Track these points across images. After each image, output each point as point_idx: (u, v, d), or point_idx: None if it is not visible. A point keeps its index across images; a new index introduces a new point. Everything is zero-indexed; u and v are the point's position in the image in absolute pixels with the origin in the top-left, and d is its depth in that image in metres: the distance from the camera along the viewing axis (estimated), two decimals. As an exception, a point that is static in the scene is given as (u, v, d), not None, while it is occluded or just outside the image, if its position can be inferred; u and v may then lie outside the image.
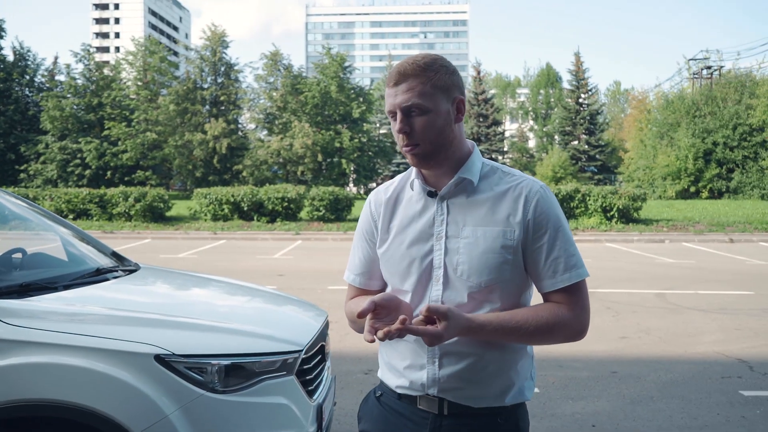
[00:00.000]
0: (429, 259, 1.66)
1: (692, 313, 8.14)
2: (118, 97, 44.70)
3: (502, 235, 1.62)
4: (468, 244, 1.62)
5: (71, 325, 2.40)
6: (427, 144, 1.62)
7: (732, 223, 20.87)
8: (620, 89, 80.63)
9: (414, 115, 1.61)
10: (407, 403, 1.70)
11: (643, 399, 4.79)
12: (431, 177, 1.71)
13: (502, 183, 1.68)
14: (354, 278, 1.84)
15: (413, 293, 1.67)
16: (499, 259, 1.61)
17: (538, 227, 1.62)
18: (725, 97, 40.55)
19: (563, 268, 1.62)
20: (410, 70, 1.61)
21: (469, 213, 1.65)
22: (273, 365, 2.52)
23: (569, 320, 1.62)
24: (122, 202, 21.79)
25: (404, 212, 1.73)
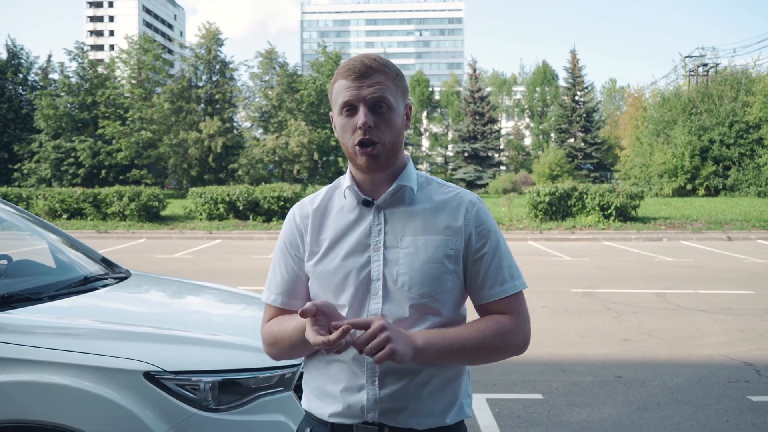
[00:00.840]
0: (366, 271, 1.55)
1: (694, 314, 8.03)
2: (112, 96, 44.39)
3: (444, 244, 1.55)
4: (408, 254, 1.54)
5: (55, 340, 2.26)
6: (386, 144, 1.54)
7: (730, 221, 20.79)
8: (616, 87, 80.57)
9: (381, 111, 1.53)
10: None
11: (649, 405, 4.67)
12: (366, 185, 1.60)
13: (440, 193, 1.62)
14: (275, 298, 1.67)
15: (350, 308, 1.55)
16: (441, 269, 1.54)
17: (480, 237, 1.58)
18: (721, 94, 40.53)
19: (504, 278, 1.58)
20: (376, 65, 1.54)
21: (408, 222, 1.57)
22: (270, 380, 2.39)
23: (514, 332, 1.56)
24: (117, 201, 21.61)
25: (336, 223, 1.61)
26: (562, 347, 6.33)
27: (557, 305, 8.43)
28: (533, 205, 20.66)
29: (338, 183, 1.68)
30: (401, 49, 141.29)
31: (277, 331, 1.61)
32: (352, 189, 1.60)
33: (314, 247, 1.61)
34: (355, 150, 1.53)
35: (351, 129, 1.53)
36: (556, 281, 10.50)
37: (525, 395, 4.83)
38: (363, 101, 1.51)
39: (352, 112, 1.53)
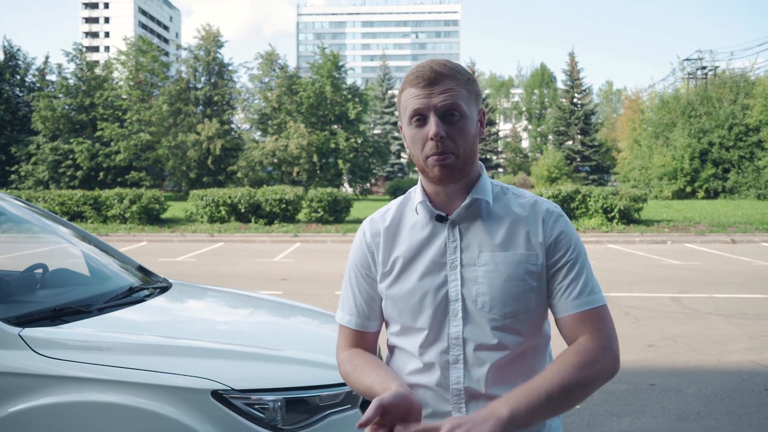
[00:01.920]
0: (444, 291, 1.46)
1: (713, 318, 7.95)
2: (110, 98, 44.19)
3: (526, 260, 1.45)
4: (487, 272, 1.44)
5: (114, 357, 2.14)
6: (460, 154, 1.44)
7: (732, 223, 20.78)
8: (612, 89, 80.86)
9: (453, 119, 1.44)
10: None
11: (689, 415, 4.57)
12: (439, 198, 1.51)
13: (517, 204, 1.51)
14: (349, 319, 1.59)
15: (429, 331, 1.47)
16: (524, 287, 1.44)
17: (558, 248, 1.47)
18: (720, 97, 40.62)
19: (582, 291, 1.44)
20: (446, 70, 1.44)
21: (485, 238, 1.47)
22: (337, 398, 2.28)
23: (600, 351, 1.39)
24: (117, 203, 21.45)
25: (409, 241, 1.52)
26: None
27: (574, 310, 8.35)
28: (537, 208, 20.59)
29: (408, 197, 1.59)
30: (397, 51, 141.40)
31: (352, 373, 1.52)
32: (425, 204, 1.50)
33: (386, 267, 1.53)
34: (427, 162, 1.45)
35: (422, 140, 1.44)
36: (568, 285, 10.43)
37: (560, 404, 4.73)
38: (434, 110, 1.42)
39: (422, 122, 1.44)
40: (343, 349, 1.60)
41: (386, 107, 57.57)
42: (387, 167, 54.11)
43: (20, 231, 3.36)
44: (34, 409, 2.01)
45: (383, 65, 59.16)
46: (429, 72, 1.43)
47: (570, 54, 56.51)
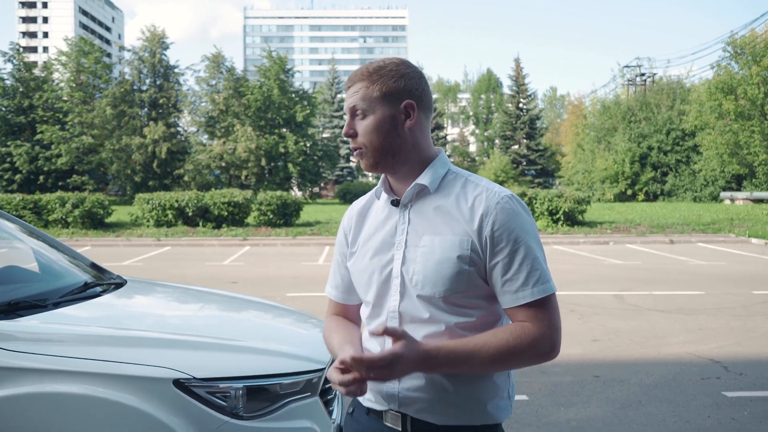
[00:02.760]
0: (388, 269, 1.58)
1: (653, 314, 8.27)
2: (50, 99, 42.82)
3: (458, 245, 1.50)
4: (424, 254, 1.52)
5: (74, 348, 2.13)
6: (369, 148, 1.56)
7: (671, 224, 21.58)
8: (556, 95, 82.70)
9: (358, 117, 1.57)
10: (375, 418, 1.61)
11: (632, 403, 4.77)
12: (395, 184, 1.63)
13: (464, 192, 1.57)
14: (333, 293, 1.78)
15: (374, 305, 1.61)
16: (454, 269, 1.49)
17: (497, 241, 1.50)
18: (659, 103, 42.16)
19: (524, 283, 1.49)
20: (358, 74, 1.58)
21: (428, 221, 1.56)
22: (297, 386, 2.32)
23: (535, 340, 1.47)
24: (59, 208, 20.82)
25: (371, 223, 1.66)
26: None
27: (522, 308, 8.55)
28: (484, 211, 20.96)
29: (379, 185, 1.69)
30: (345, 56, 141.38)
31: (326, 337, 1.72)
32: (383, 187, 1.62)
33: (353, 247, 1.68)
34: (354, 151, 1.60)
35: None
36: (516, 284, 10.65)
37: (510, 397, 4.86)
38: (348, 110, 1.58)
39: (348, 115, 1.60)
40: (328, 316, 1.79)
41: (335, 111, 57.51)
42: (336, 171, 54.04)
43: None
44: None
45: (332, 69, 59.12)
46: (349, 78, 1.59)
47: (515, 60, 57.59)
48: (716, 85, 33.56)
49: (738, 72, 33.73)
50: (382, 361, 1.38)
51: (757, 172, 34.00)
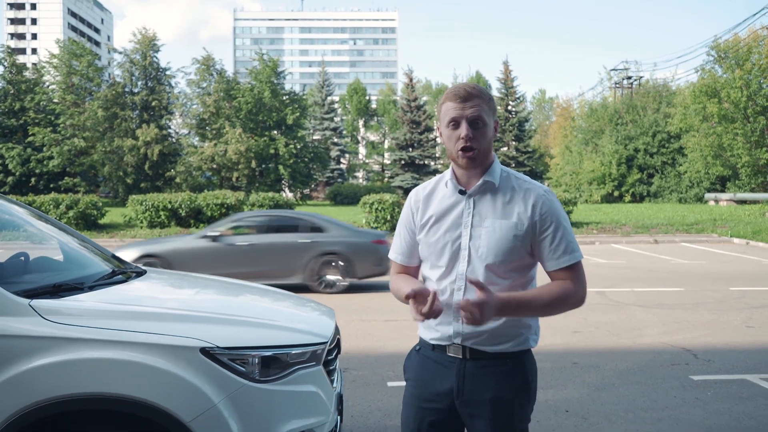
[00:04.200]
0: (458, 243, 2.12)
1: (633, 308, 8.68)
2: (42, 102, 42.85)
3: (514, 227, 2.08)
4: (488, 232, 2.09)
5: (115, 322, 2.48)
6: (480, 149, 2.10)
7: (655, 225, 22.07)
8: (545, 97, 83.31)
9: (477, 126, 2.09)
10: (439, 352, 2.17)
11: (606, 386, 5.16)
12: (463, 178, 2.17)
13: (516, 186, 2.15)
14: (397, 257, 2.31)
15: (445, 268, 2.14)
16: (510, 244, 2.08)
17: (543, 223, 2.09)
18: (645, 105, 42.74)
19: (563, 252, 2.09)
20: (475, 92, 2.10)
21: (490, 208, 2.12)
22: (304, 356, 2.69)
23: (573, 292, 2.09)
24: (53, 209, 21.03)
25: (439, 205, 2.19)
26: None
27: (508, 303, 8.93)
28: (474, 211, 21.36)
29: (443, 176, 2.25)
30: (335, 58, 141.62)
31: (396, 288, 2.24)
32: (452, 181, 2.17)
33: (423, 221, 2.21)
34: (458, 154, 2.10)
35: (455, 139, 2.09)
36: (503, 282, 11.02)
37: (493, 381, 5.24)
38: (466, 119, 2.08)
39: (456, 126, 2.09)
40: (393, 275, 2.33)
41: (326, 113, 57.73)
42: (327, 173, 54.26)
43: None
44: (47, 366, 2.34)
45: (322, 71, 59.35)
46: (463, 92, 2.08)
47: (504, 63, 58.04)
48: (700, 89, 34.15)
49: (722, 76, 34.34)
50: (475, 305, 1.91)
51: (741, 174, 34.63)
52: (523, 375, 2.15)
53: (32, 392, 2.32)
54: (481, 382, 2.10)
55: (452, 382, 2.13)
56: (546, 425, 4.32)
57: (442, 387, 2.15)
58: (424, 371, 2.21)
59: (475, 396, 2.11)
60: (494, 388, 2.10)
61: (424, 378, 2.20)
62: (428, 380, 2.18)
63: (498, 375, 2.11)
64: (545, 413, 4.52)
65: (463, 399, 2.12)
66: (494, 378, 2.11)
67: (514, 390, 2.12)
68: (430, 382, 2.17)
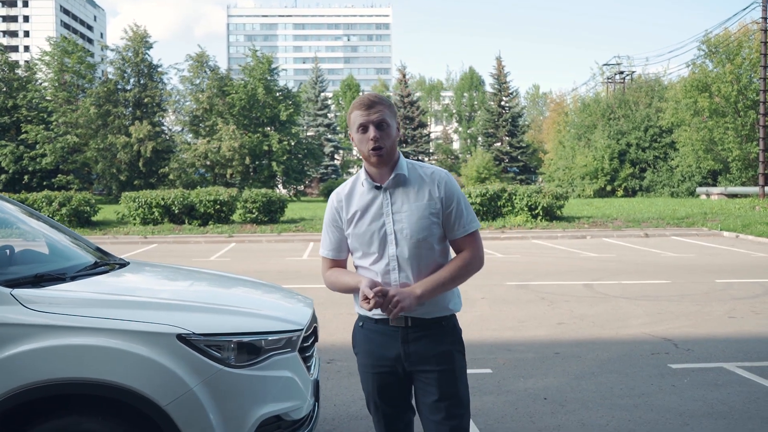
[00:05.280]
0: (384, 229, 2.46)
1: (619, 300, 8.78)
2: (34, 99, 42.81)
3: (429, 207, 2.46)
4: (408, 216, 2.45)
5: (94, 310, 2.57)
6: (387, 148, 2.44)
7: (646, 219, 22.19)
8: (539, 92, 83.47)
9: (383, 128, 2.43)
10: (382, 324, 2.51)
11: (585, 375, 5.26)
12: (376, 176, 2.50)
13: (422, 173, 2.52)
14: (328, 253, 2.61)
15: (377, 253, 2.47)
16: (428, 222, 2.45)
17: (449, 200, 2.48)
18: (637, 100, 42.92)
19: (465, 223, 2.50)
20: (377, 100, 2.45)
21: (405, 196, 2.47)
22: (280, 342, 2.78)
23: (471, 258, 2.51)
24: (46, 207, 21.07)
25: (360, 201, 2.51)
26: (504, 331, 6.91)
27: (495, 296, 9.02)
28: (465, 206, 21.45)
29: (357, 176, 2.56)
30: (330, 54, 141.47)
31: (335, 280, 2.58)
32: (368, 179, 2.49)
33: (349, 216, 2.52)
34: (369, 154, 2.41)
35: (365, 141, 2.41)
36: (491, 276, 11.10)
37: (476, 370, 5.33)
38: (372, 123, 2.40)
39: (365, 130, 2.42)
40: (326, 270, 2.63)
41: (319, 109, 57.78)
42: (321, 169, 54.35)
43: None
44: (27, 352, 2.42)
45: (315, 68, 59.36)
46: (367, 101, 2.43)
47: (497, 58, 58.25)
48: (692, 83, 34.32)
49: (713, 70, 34.52)
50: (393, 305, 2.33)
51: (731, 168, 34.83)
52: (454, 333, 2.56)
53: (13, 378, 2.40)
54: (425, 343, 2.47)
55: (398, 348, 2.48)
56: (524, 412, 4.42)
57: (389, 353, 2.50)
58: (370, 343, 2.54)
59: (422, 355, 2.47)
60: (437, 345, 2.48)
61: (371, 348, 2.53)
62: (375, 349, 2.52)
63: (437, 335, 2.49)
64: (524, 401, 4.61)
65: (411, 360, 2.47)
66: (435, 338, 2.48)
67: (452, 344, 2.53)
68: (377, 350, 2.52)
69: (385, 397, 2.56)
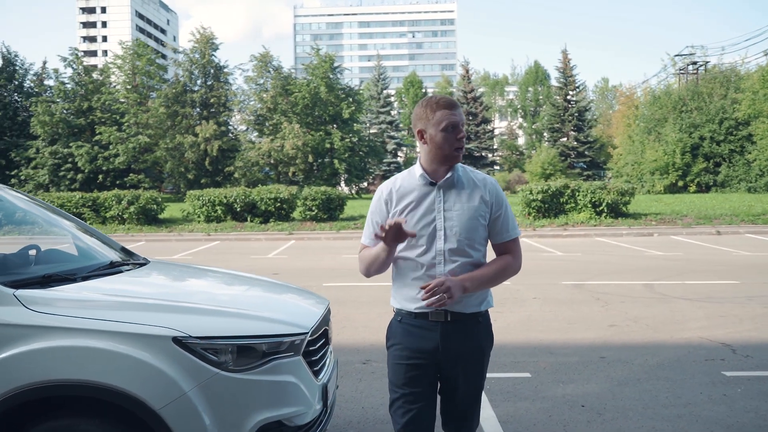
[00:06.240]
0: (434, 224, 2.60)
1: (679, 302, 8.36)
2: (108, 101, 44.58)
3: (479, 209, 2.62)
4: (458, 215, 2.60)
5: (93, 312, 2.57)
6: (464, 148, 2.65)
7: (719, 215, 21.18)
8: (608, 86, 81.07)
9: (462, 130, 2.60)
10: (422, 318, 2.63)
11: (630, 381, 5.00)
12: (432, 173, 2.64)
13: (473, 177, 2.68)
14: (369, 241, 2.72)
15: (425, 246, 2.59)
16: (476, 223, 2.61)
17: (497, 205, 2.65)
18: (711, 92, 41.01)
19: (509, 229, 2.68)
20: (456, 102, 2.62)
21: (457, 195, 2.63)
22: (281, 346, 2.71)
23: (511, 262, 2.70)
24: (115, 205, 21.88)
25: (413, 195, 2.64)
26: (550, 332, 6.67)
27: (547, 296, 8.75)
28: (526, 203, 21.02)
29: (410, 171, 2.72)
30: (394, 51, 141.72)
31: (365, 256, 2.70)
32: (424, 175, 2.64)
33: (400, 209, 2.64)
34: (454, 152, 2.58)
35: (453, 140, 2.56)
36: (547, 275, 10.82)
37: (514, 374, 5.15)
38: (460, 124, 2.58)
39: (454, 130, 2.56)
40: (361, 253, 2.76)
41: (382, 107, 57.85)
42: (383, 166, 54.43)
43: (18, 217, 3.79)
44: (24, 353, 2.44)
45: (377, 65, 59.48)
46: (454, 102, 2.61)
47: (563, 51, 56.86)
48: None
49: (794, 58, 32.66)
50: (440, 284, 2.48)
51: (815, 161, 32.87)
52: (489, 327, 2.76)
53: (8, 379, 2.42)
54: (462, 337, 2.63)
55: (436, 341, 2.60)
56: (557, 420, 4.22)
57: (426, 346, 2.61)
58: (408, 336, 2.65)
59: (458, 348, 2.62)
60: (473, 339, 2.65)
61: (409, 341, 2.64)
62: (413, 342, 2.63)
63: (474, 329, 2.66)
64: (559, 408, 4.41)
65: (449, 354, 2.61)
66: (472, 332, 2.65)
67: (486, 339, 2.72)
68: (415, 343, 2.63)
69: (414, 387, 2.64)
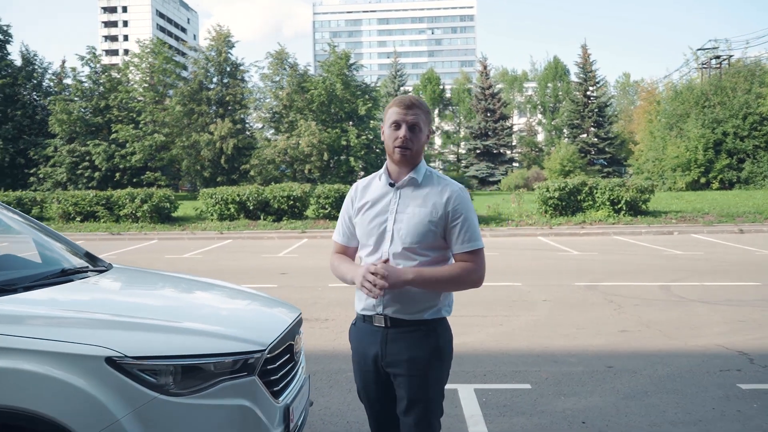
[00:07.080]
0: (384, 226, 2.56)
1: (696, 305, 7.98)
2: (125, 100, 44.76)
3: (430, 215, 2.52)
4: (408, 218, 2.53)
5: (20, 328, 2.31)
6: (413, 150, 2.55)
7: (742, 213, 20.59)
8: (629, 81, 79.84)
9: (414, 130, 2.54)
10: (368, 322, 2.59)
11: (637, 394, 4.66)
12: (394, 173, 2.61)
13: (435, 183, 2.59)
14: (339, 238, 2.76)
15: (373, 246, 2.57)
16: (425, 228, 2.51)
17: (454, 213, 2.52)
18: (734, 86, 40.04)
19: (468, 240, 2.52)
20: (417, 103, 2.57)
21: (412, 199, 2.56)
22: (233, 366, 2.44)
23: (470, 271, 2.51)
24: (129, 203, 21.84)
25: (372, 195, 2.63)
26: (556, 339, 6.34)
27: (558, 298, 8.41)
28: (543, 201, 20.59)
29: (379, 172, 2.67)
30: (413, 48, 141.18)
31: (337, 266, 2.72)
32: (386, 175, 2.62)
33: (359, 208, 2.65)
34: (395, 150, 2.53)
35: (394, 137, 2.52)
36: (560, 275, 10.47)
37: (514, 385, 4.85)
38: (406, 123, 2.52)
39: (398, 128, 2.53)
40: (333, 254, 2.78)
41: (399, 104, 57.55)
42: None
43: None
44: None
45: (394, 62, 59.14)
46: (408, 102, 2.54)
47: (582, 47, 56.07)
48: (797, 66, 31.66)
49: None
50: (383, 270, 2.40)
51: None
52: (435, 340, 2.55)
53: None
54: (399, 346, 2.51)
55: (377, 348, 2.54)
56: (555, 438, 3.92)
57: (370, 352, 2.57)
58: (359, 341, 2.64)
59: (395, 357, 2.52)
60: (410, 350, 2.51)
61: (359, 347, 2.63)
62: (362, 348, 2.61)
63: (414, 339, 2.52)
64: (558, 425, 4.10)
65: (386, 361, 2.53)
66: (410, 342, 2.51)
67: (428, 352, 2.52)
68: (363, 349, 2.61)
69: (371, 395, 2.64)
